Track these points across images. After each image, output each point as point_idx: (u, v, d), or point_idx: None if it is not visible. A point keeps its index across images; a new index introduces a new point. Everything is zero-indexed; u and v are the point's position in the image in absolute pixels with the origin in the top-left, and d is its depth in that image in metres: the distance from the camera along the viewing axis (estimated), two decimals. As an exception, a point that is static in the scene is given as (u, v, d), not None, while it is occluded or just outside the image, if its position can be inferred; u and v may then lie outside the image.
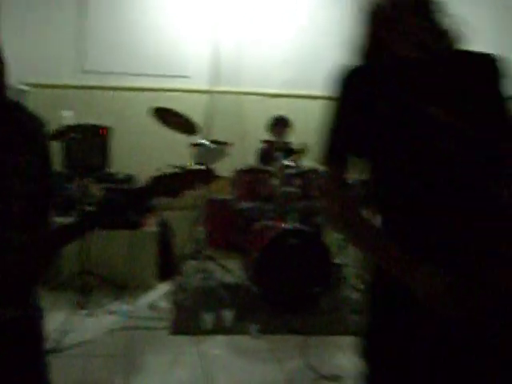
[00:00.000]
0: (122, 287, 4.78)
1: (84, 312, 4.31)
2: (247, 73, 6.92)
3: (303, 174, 4.93)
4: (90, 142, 5.27)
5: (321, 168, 4.95)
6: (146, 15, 6.67)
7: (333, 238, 5.64)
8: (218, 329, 4.17)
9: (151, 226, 5.18)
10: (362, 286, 5.07)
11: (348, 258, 5.26)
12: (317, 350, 3.90)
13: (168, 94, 6.76)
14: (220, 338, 4.04)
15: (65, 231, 1.80)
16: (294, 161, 5.29)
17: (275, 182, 4.85)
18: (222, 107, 6.88)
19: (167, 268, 5.19)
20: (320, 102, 7.24)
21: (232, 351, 3.87)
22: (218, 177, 4.77)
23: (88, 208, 4.68)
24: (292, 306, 4.48)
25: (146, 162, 6.67)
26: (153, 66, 6.72)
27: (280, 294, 4.49)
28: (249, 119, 7.00)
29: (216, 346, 3.92)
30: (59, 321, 4.05)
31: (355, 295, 4.95)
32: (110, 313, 4.38)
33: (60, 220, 1.89)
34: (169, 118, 4.86)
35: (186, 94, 6.84)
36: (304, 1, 7.14)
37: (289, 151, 5.49)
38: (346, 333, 4.19)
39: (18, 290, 1.81)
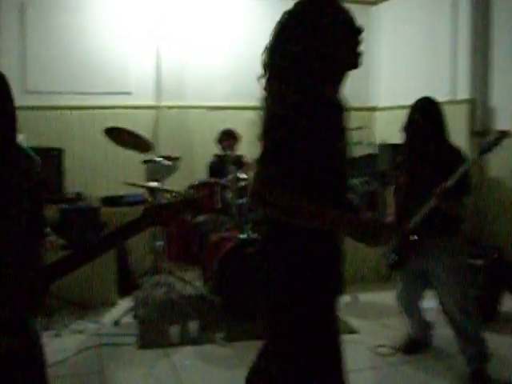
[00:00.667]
0: (85, 306, 4.84)
1: (51, 333, 4.35)
2: (190, 87, 7.08)
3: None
4: (44, 164, 5.30)
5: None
6: (86, 33, 6.72)
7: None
8: (185, 340, 4.31)
9: (108, 243, 5.25)
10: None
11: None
12: (282, 353, 4.09)
13: (112, 111, 6.84)
14: (188, 349, 4.18)
15: (64, 264, 1.93)
16: (246, 172, 5.49)
17: (229, 194, 5.02)
18: (166, 122, 7.01)
19: (126, 284, 5.28)
20: (259, 113, 7.51)
21: (201, 360, 4.02)
22: (205, 206, 4.93)
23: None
24: (254, 313, 4.66)
25: (98, 180, 6.75)
26: (95, 84, 6.76)
27: (241, 302, 4.65)
28: (194, 133, 7.15)
29: (185, 357, 4.06)
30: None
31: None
32: (77, 332, 4.44)
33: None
34: (121, 136, 4.95)
35: (130, 111, 6.93)
36: (240, 15, 7.35)
37: (240, 163, 5.68)
38: (307, 335, 4.41)
39: (17, 320, 1.93)
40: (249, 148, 6.13)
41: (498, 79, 5.99)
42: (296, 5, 2.14)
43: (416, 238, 3.55)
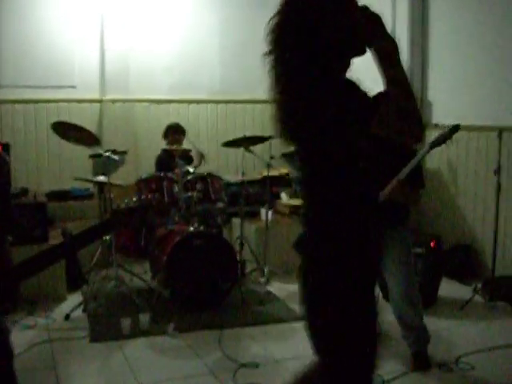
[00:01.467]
0: (34, 301, 4.84)
1: (0, 329, 4.34)
2: (134, 80, 7.09)
3: (202, 179, 5.21)
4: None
5: (216, 173, 5.28)
6: (30, 25, 6.65)
7: (233, 237, 5.99)
8: (137, 332, 4.38)
9: (56, 238, 5.25)
10: (262, 279, 5.46)
11: (248, 255, 5.62)
12: (232, 341, 4.23)
13: (57, 104, 6.80)
14: (140, 341, 4.25)
15: (30, 264, 1.99)
16: (193, 166, 5.58)
17: (177, 187, 5.09)
18: (111, 116, 7.01)
19: (75, 278, 5.29)
20: (203, 106, 7.64)
21: (154, 352, 4.10)
22: (168, 206, 4.98)
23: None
24: (204, 304, 4.77)
25: (43, 175, 6.71)
26: (39, 77, 6.71)
27: (191, 293, 4.75)
28: (139, 126, 7.17)
29: (137, 349, 4.13)
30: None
31: (259, 288, 5.32)
32: (27, 327, 4.45)
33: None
34: (68, 131, 4.94)
35: (74, 104, 6.90)
36: (186, 9, 7.39)
37: (187, 158, 5.76)
38: (256, 323, 4.57)
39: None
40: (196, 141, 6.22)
41: (435, 74, 6.23)
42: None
43: None
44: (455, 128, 3.65)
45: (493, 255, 4.91)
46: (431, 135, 5.51)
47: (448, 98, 6.03)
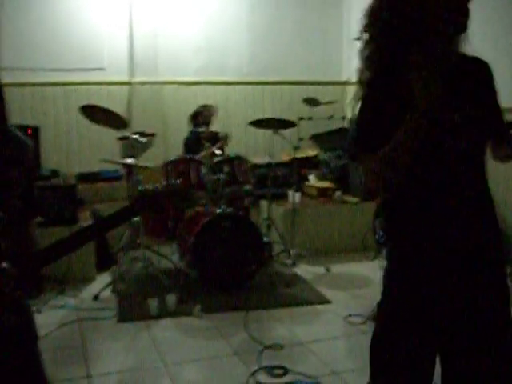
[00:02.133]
0: (63, 282, 4.91)
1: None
2: (162, 63, 7.11)
3: (229, 161, 5.22)
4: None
5: (243, 155, 5.28)
6: (58, 9, 6.71)
7: (260, 219, 6.00)
8: (164, 313, 4.43)
9: (85, 219, 5.32)
10: (289, 261, 5.46)
11: (275, 237, 5.63)
12: (257, 323, 4.25)
13: (86, 87, 6.86)
14: (166, 322, 4.30)
15: (58, 246, 2.01)
16: (220, 148, 5.59)
17: (204, 170, 5.12)
18: (140, 98, 7.05)
19: (104, 259, 5.36)
20: (231, 88, 7.64)
21: (180, 332, 4.15)
22: (196, 198, 5.02)
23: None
24: (230, 285, 4.80)
25: (73, 157, 6.80)
26: (69, 60, 6.77)
27: (217, 275, 4.79)
28: (168, 108, 7.20)
29: (164, 329, 4.18)
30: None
31: (285, 270, 5.33)
32: (57, 307, 4.53)
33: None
34: (96, 114, 4.99)
35: (103, 87, 6.95)
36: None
37: (215, 140, 5.77)
38: (281, 305, 4.58)
39: (13, 298, 2.02)
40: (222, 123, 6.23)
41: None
42: None
43: None
44: None
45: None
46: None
47: None
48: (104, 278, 5.12)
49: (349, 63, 7.65)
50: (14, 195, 2.05)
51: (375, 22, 1.96)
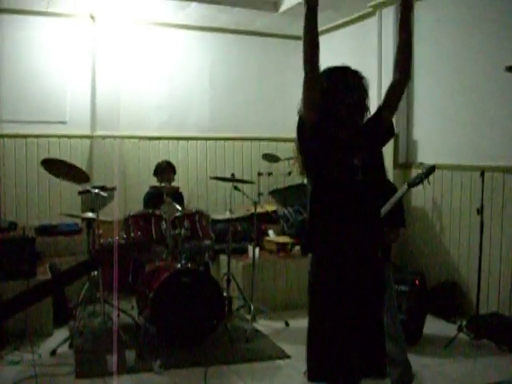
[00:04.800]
0: (20, 336, 4.83)
1: (-14, 365, 4.34)
2: (124, 117, 7.18)
3: (190, 216, 5.26)
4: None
5: (204, 210, 5.33)
6: (21, 61, 6.76)
7: (220, 273, 6.02)
8: (122, 369, 4.37)
9: (43, 273, 5.27)
10: (249, 316, 5.48)
11: (234, 291, 5.65)
12: (217, 379, 4.24)
13: (47, 139, 6.88)
14: (126, 378, 4.25)
15: (16, 300, 2.02)
16: (181, 204, 5.64)
17: (165, 224, 5.14)
18: (101, 152, 7.08)
19: (62, 313, 5.29)
20: (192, 143, 7.74)
21: (139, 389, 4.11)
22: (151, 247, 5.04)
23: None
24: (190, 341, 4.78)
25: (32, 209, 6.75)
26: (30, 113, 6.80)
27: (177, 330, 4.77)
28: (128, 162, 7.25)
29: (123, 386, 4.13)
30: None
31: (245, 325, 5.34)
32: (13, 363, 4.44)
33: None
34: (58, 168, 4.99)
35: (64, 140, 6.98)
36: (176, 49, 7.54)
37: (176, 195, 5.82)
38: (241, 361, 4.58)
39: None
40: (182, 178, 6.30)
41: (420, 114, 6.36)
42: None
43: None
44: (431, 169, 3.79)
45: (477, 293, 4.97)
46: (416, 173, 5.70)
47: (432, 137, 6.16)
48: (62, 333, 5.04)
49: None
50: None
51: None
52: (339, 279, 2.75)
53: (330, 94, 2.75)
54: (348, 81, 2.78)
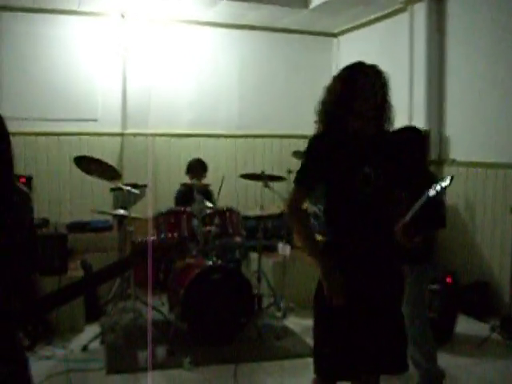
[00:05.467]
0: (52, 332, 4.88)
1: (19, 359, 4.38)
2: (155, 115, 7.22)
3: (221, 214, 5.27)
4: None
5: (234, 207, 5.33)
6: (54, 60, 6.85)
7: (250, 271, 6.02)
8: (153, 365, 4.40)
9: (75, 269, 5.32)
10: (279, 314, 5.47)
11: (265, 289, 5.64)
12: (247, 376, 4.24)
13: (78, 137, 6.95)
14: (156, 374, 4.28)
15: (51, 299, 2.04)
16: (211, 200, 5.65)
17: (195, 222, 5.16)
18: (132, 149, 7.13)
19: (93, 309, 5.34)
20: (222, 140, 7.75)
21: (170, 385, 4.13)
22: (188, 250, 5.06)
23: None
24: (220, 338, 4.79)
25: (64, 206, 6.82)
26: (62, 111, 6.87)
27: (207, 327, 4.78)
28: (159, 160, 7.29)
29: (154, 382, 4.15)
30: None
31: (275, 322, 5.33)
32: (45, 358, 4.49)
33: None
34: (90, 165, 5.04)
35: (95, 137, 7.04)
36: (206, 47, 7.56)
37: (206, 192, 5.83)
38: (271, 358, 4.57)
39: (8, 347, 2.05)
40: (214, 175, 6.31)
41: (452, 110, 6.29)
42: None
43: None
44: (450, 181, 3.75)
45: (510, 292, 4.90)
46: (449, 170, 5.62)
47: (465, 133, 6.08)
48: (93, 329, 5.09)
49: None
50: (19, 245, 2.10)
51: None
52: (351, 285, 2.65)
53: (344, 103, 2.64)
54: (365, 87, 2.63)
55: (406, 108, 6.55)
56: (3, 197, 2.03)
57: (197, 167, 6.14)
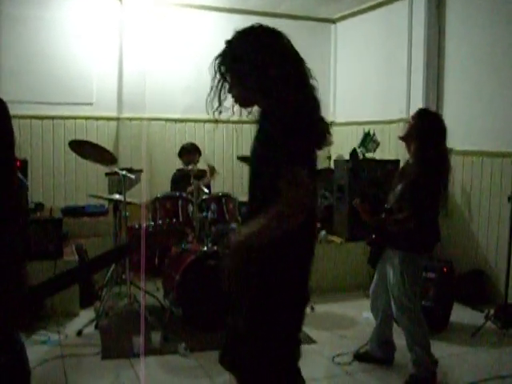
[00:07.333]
0: (47, 316, 4.87)
1: (13, 344, 4.37)
2: (151, 99, 7.16)
3: (217, 199, 5.24)
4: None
5: (230, 193, 5.31)
6: (49, 43, 6.76)
7: (246, 256, 5.99)
8: (148, 350, 4.39)
9: (70, 254, 5.30)
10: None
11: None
12: (242, 363, 4.22)
13: (73, 121, 6.90)
14: (151, 359, 4.27)
15: (46, 286, 2.01)
16: (207, 183, 5.62)
17: (192, 207, 5.13)
18: (127, 134, 7.08)
19: (88, 294, 5.32)
20: (220, 126, 7.66)
21: (165, 371, 4.11)
22: (186, 234, 5.03)
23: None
24: (215, 324, 4.77)
25: (59, 190, 6.78)
26: (57, 94, 6.80)
27: (202, 313, 4.76)
28: (154, 144, 7.24)
29: (149, 367, 4.14)
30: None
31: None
32: (40, 343, 4.48)
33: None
34: (86, 149, 5.00)
35: (91, 121, 6.99)
36: (203, 31, 7.48)
37: (202, 178, 5.80)
38: (266, 345, 4.55)
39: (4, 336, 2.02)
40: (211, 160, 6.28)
41: (450, 98, 6.26)
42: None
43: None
44: (367, 135, 3.82)
45: (506, 281, 4.90)
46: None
47: (462, 122, 6.05)
48: (88, 314, 5.07)
49: (335, 105, 7.77)
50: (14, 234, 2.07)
51: None
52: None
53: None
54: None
55: (404, 94, 6.53)
56: (5, 182, 2.00)
57: (190, 150, 6.11)
